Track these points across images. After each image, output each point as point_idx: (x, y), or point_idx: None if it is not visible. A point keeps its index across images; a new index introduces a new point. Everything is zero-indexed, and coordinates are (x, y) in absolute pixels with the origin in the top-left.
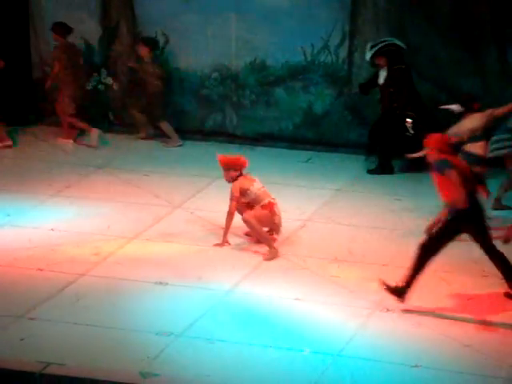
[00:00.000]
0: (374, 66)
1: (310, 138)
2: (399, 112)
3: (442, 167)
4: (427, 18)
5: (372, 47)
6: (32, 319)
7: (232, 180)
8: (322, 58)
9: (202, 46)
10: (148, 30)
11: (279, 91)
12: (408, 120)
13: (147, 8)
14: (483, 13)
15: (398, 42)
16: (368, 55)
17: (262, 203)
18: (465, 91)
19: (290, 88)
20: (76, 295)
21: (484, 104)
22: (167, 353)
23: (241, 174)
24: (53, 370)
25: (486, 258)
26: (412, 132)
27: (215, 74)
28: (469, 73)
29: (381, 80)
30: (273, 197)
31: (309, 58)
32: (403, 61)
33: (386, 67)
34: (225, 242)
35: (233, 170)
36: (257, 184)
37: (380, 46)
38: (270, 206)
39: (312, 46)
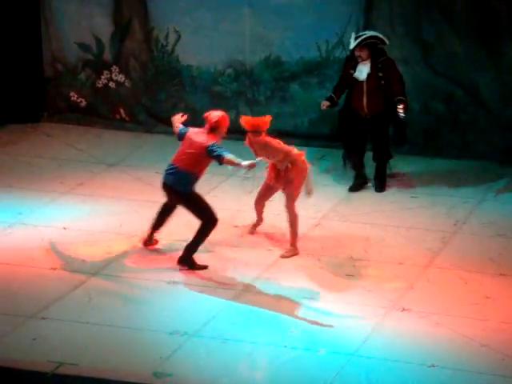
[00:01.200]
0: (351, 59)
1: (326, 135)
2: (395, 100)
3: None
4: (443, 12)
5: (356, 38)
6: (44, 319)
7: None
8: (337, 54)
9: (216, 42)
10: (160, 27)
11: (294, 87)
12: (399, 106)
13: (160, 4)
14: (500, 7)
15: (382, 36)
16: (352, 45)
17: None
18: (481, 87)
19: (305, 84)
20: (88, 294)
21: (501, 99)
22: (181, 353)
23: None
24: (65, 370)
25: (504, 256)
26: (404, 115)
27: (229, 70)
28: (485, 68)
29: (362, 75)
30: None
31: (324, 54)
32: (386, 55)
33: (367, 60)
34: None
35: (263, 133)
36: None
37: (365, 36)
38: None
39: (327, 41)
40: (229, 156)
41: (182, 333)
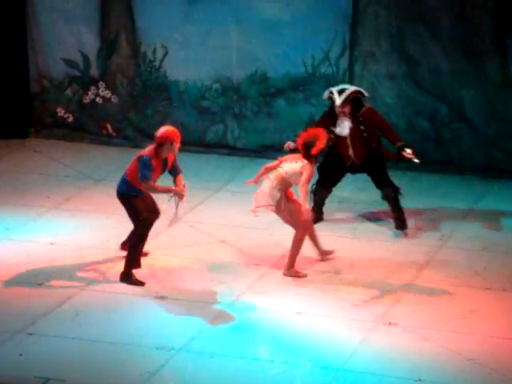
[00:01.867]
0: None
1: None
2: (381, 150)
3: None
4: (428, 28)
5: (340, 92)
6: (31, 334)
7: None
8: (323, 70)
9: (203, 58)
10: (148, 42)
11: (280, 102)
12: (408, 151)
13: (147, 19)
14: (485, 23)
15: (362, 90)
16: (339, 101)
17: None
18: (466, 103)
19: (291, 99)
20: (75, 310)
21: (485, 116)
22: (168, 368)
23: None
24: None
25: (489, 270)
26: (417, 160)
27: (216, 86)
28: (470, 84)
29: (344, 131)
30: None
31: (310, 70)
32: (362, 104)
33: (348, 115)
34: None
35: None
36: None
37: (349, 92)
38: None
39: (313, 57)
40: (148, 181)
41: (169, 348)
